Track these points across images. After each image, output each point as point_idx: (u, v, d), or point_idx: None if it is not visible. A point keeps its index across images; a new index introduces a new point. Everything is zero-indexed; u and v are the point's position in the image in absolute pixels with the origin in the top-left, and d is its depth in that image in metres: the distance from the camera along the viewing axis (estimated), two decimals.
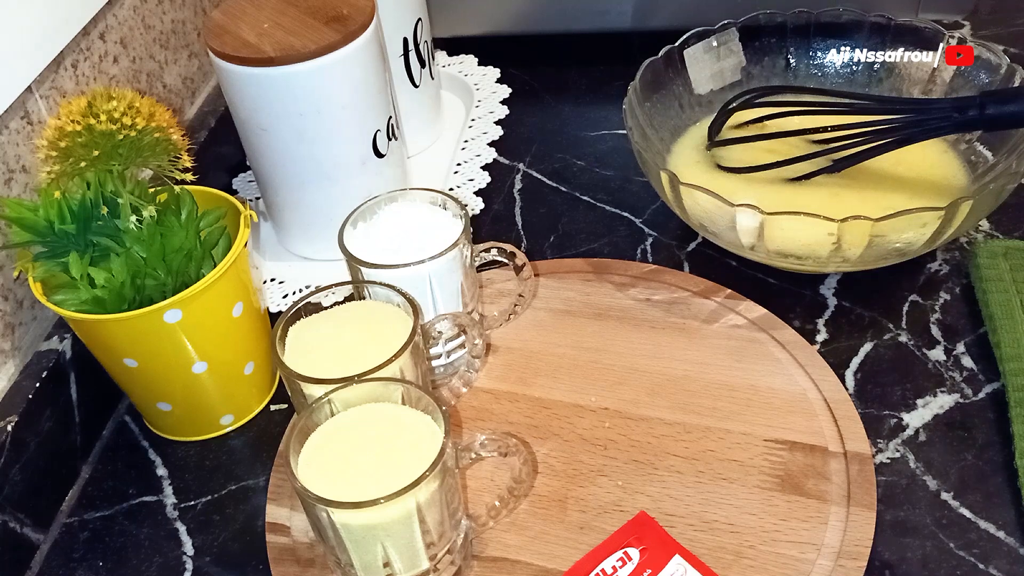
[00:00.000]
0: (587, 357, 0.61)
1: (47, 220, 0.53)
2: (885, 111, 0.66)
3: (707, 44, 0.73)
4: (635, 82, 0.69)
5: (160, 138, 0.54)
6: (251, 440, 0.61)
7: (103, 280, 0.53)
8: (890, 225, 0.56)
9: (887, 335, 0.62)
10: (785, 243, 0.60)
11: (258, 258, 0.73)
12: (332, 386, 0.48)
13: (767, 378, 0.58)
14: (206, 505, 0.57)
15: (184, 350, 0.55)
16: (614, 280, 0.67)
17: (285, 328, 0.53)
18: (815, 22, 0.73)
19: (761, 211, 0.57)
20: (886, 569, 0.49)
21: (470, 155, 0.81)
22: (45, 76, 0.61)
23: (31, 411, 0.56)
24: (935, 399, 0.57)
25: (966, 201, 0.55)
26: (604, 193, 0.76)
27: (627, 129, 0.65)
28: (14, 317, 0.59)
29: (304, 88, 0.61)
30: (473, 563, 0.51)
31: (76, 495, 0.59)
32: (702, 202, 0.60)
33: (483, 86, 0.89)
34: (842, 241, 0.58)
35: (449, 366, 0.61)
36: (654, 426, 0.57)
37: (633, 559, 0.49)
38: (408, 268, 0.55)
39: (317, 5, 0.64)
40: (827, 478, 0.52)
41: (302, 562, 0.52)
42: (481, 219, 0.75)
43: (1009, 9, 0.90)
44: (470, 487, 0.55)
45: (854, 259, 0.59)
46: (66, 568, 0.55)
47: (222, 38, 0.62)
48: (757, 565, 0.49)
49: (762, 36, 0.74)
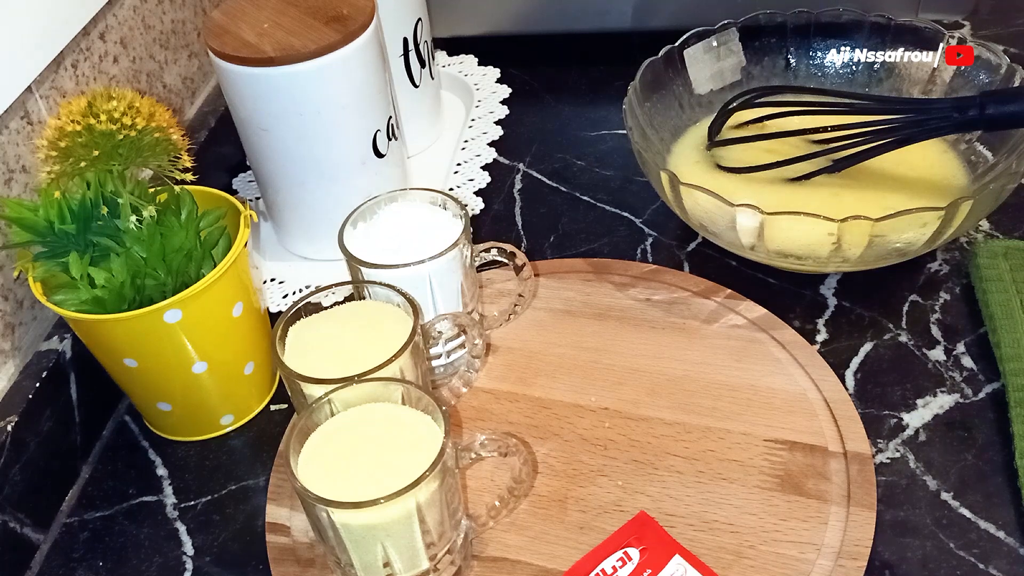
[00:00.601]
0: (587, 357, 0.61)
1: (47, 220, 0.53)
2: (885, 111, 0.66)
3: (707, 44, 0.73)
4: (635, 82, 0.69)
5: (160, 138, 0.54)
6: (251, 440, 0.61)
7: (103, 280, 0.53)
8: (890, 225, 0.56)
9: (887, 335, 0.62)
10: (785, 243, 0.60)
11: (258, 258, 0.73)
12: (332, 386, 0.48)
13: (767, 378, 0.58)
14: (206, 505, 0.57)
15: (184, 350, 0.55)
16: (614, 280, 0.67)
17: (285, 328, 0.53)
18: (815, 22, 0.73)
19: (761, 211, 0.57)
20: (886, 569, 0.49)
21: (470, 155, 0.81)
22: (45, 76, 0.61)
23: (31, 411, 0.56)
24: (935, 399, 0.57)
25: (966, 201, 0.55)
26: (604, 193, 0.76)
27: (627, 129, 0.65)
28: (14, 317, 0.59)
29: (304, 88, 0.61)
30: (473, 563, 0.51)
31: (76, 495, 0.59)
32: (702, 202, 0.60)
33: (483, 86, 0.89)
34: (842, 241, 0.58)
35: (449, 366, 0.61)
36: (654, 426, 0.57)
37: (633, 559, 0.49)
38: (408, 268, 0.55)
39: (317, 5, 0.64)
40: (827, 478, 0.52)
41: (302, 562, 0.52)
42: (481, 219, 0.75)
43: (1009, 9, 0.90)
44: (470, 487, 0.55)
45: (854, 259, 0.59)
46: (66, 568, 0.55)
47: (222, 38, 0.62)
48: (757, 565, 0.49)
49: (762, 36, 0.74)
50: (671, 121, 0.72)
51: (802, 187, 0.67)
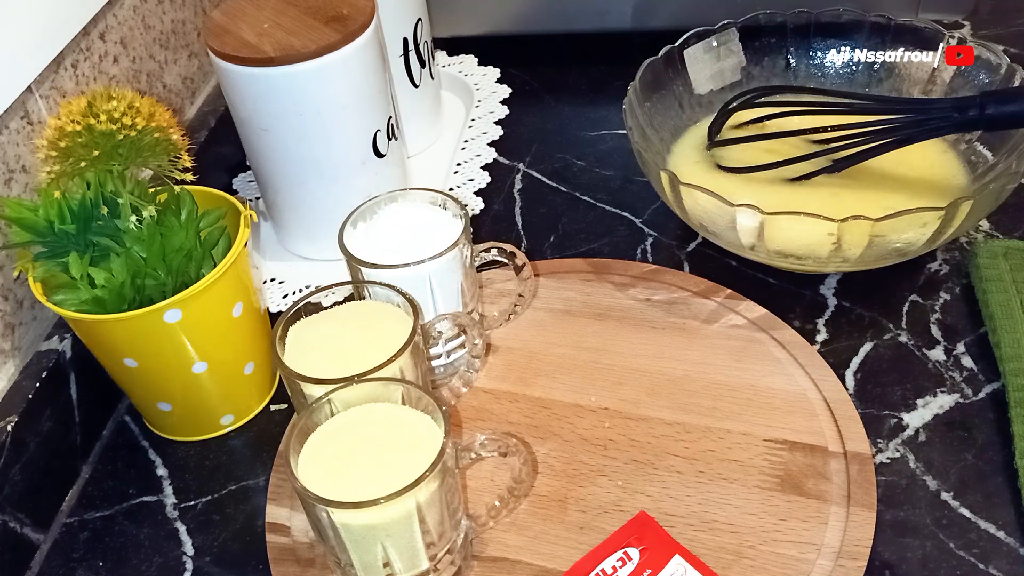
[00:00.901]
0: (587, 357, 0.61)
1: (47, 220, 0.53)
2: (885, 111, 0.66)
3: (707, 44, 0.73)
4: (635, 82, 0.69)
5: (160, 138, 0.54)
6: (251, 440, 0.61)
7: (103, 280, 0.53)
8: (890, 225, 0.56)
9: (887, 335, 0.62)
10: (785, 243, 0.60)
11: (258, 258, 0.73)
12: (332, 386, 0.48)
13: (767, 378, 0.58)
14: (206, 505, 0.57)
15: (184, 350, 0.55)
16: (614, 280, 0.67)
17: (285, 328, 0.53)
18: (815, 22, 0.73)
19: (761, 211, 0.57)
20: (886, 569, 0.49)
21: (470, 155, 0.81)
22: (45, 76, 0.61)
23: (31, 411, 0.56)
24: (935, 399, 0.57)
25: (966, 201, 0.55)
26: (604, 193, 0.76)
27: (627, 129, 0.65)
28: (14, 317, 0.59)
29: (304, 88, 0.61)
30: (473, 563, 0.51)
31: (76, 495, 0.59)
32: (702, 202, 0.60)
33: (483, 86, 0.89)
34: (842, 241, 0.58)
35: (449, 366, 0.61)
36: (654, 426, 0.57)
37: (633, 559, 0.49)
38: (408, 268, 0.55)
39: (317, 5, 0.64)
40: (827, 478, 0.52)
41: (302, 562, 0.52)
42: (481, 219, 0.75)
43: (1009, 9, 0.90)
44: (470, 487, 0.55)
45: (854, 259, 0.59)
46: (66, 568, 0.55)
47: (222, 38, 0.62)
48: (757, 565, 0.49)
49: (762, 36, 0.74)
50: (671, 121, 0.72)
51: (802, 187, 0.67)
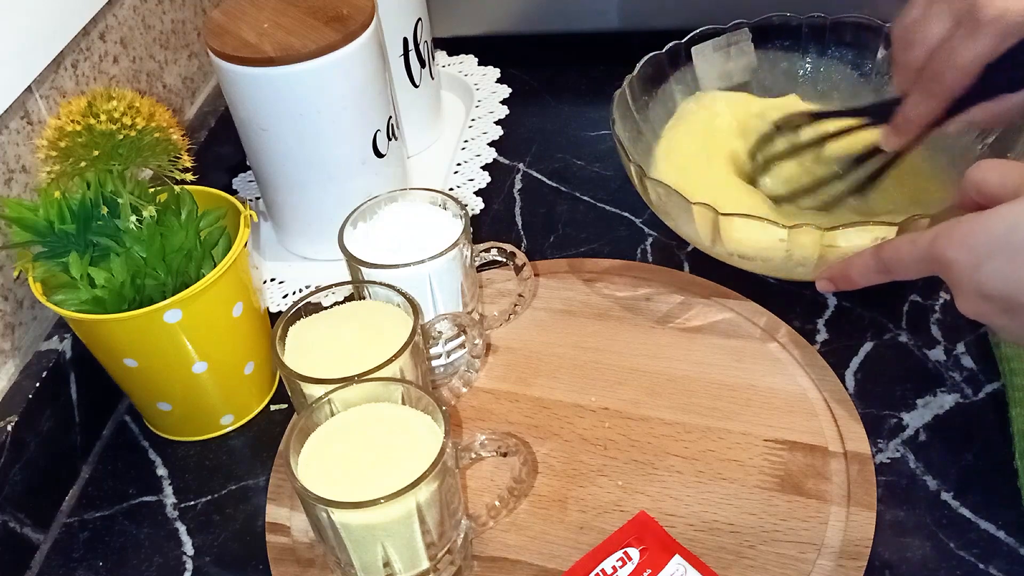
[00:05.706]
0: (587, 357, 0.61)
1: (47, 220, 0.53)
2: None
3: (717, 42, 0.72)
4: (633, 75, 0.69)
5: (160, 138, 0.54)
6: (251, 440, 0.61)
7: (103, 280, 0.53)
8: (843, 236, 0.55)
9: (887, 335, 0.61)
10: (739, 245, 0.59)
11: (258, 258, 0.73)
12: (332, 386, 0.48)
13: (767, 378, 0.58)
14: (206, 505, 0.57)
15: (184, 350, 0.55)
16: (614, 280, 0.66)
17: (285, 328, 0.53)
18: (829, 24, 0.72)
19: (716, 210, 0.56)
20: (886, 569, 0.49)
21: (470, 155, 0.81)
22: (45, 76, 0.61)
23: (31, 411, 0.56)
24: (935, 399, 0.57)
25: (923, 218, 0.53)
26: (604, 193, 0.76)
27: (611, 121, 0.65)
28: (14, 317, 0.59)
29: (304, 88, 0.61)
30: (473, 563, 0.51)
31: (76, 495, 0.59)
32: (664, 197, 0.60)
33: (483, 86, 0.89)
34: (793, 248, 0.57)
35: (449, 366, 0.61)
36: (654, 426, 0.57)
37: (633, 559, 0.49)
38: (408, 268, 0.55)
39: (317, 5, 0.64)
40: (827, 478, 0.52)
41: (302, 562, 0.52)
42: (481, 219, 0.75)
43: None
44: (470, 487, 0.55)
45: (811, 266, 0.58)
46: (66, 568, 0.55)
47: (222, 38, 0.62)
48: (757, 565, 0.49)
49: (774, 38, 0.73)
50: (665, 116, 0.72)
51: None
